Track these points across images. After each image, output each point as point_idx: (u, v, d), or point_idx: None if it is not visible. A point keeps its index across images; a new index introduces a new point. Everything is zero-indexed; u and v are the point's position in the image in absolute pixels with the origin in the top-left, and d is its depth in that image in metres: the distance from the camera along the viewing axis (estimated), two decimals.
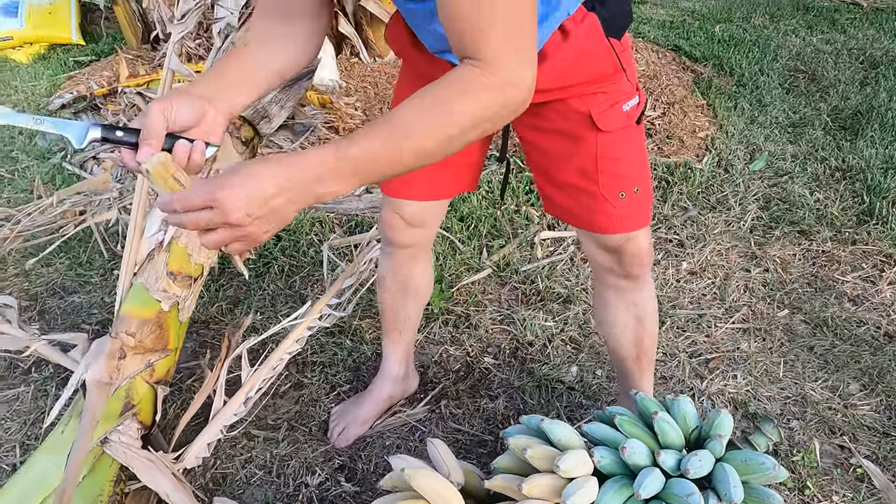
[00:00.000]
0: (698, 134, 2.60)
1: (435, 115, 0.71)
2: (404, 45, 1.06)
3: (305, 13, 0.89)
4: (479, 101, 0.72)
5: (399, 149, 0.71)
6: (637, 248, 1.09)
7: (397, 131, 0.70)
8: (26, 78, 3.46)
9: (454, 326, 1.73)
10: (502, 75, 0.72)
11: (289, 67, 0.88)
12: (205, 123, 0.78)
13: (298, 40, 0.89)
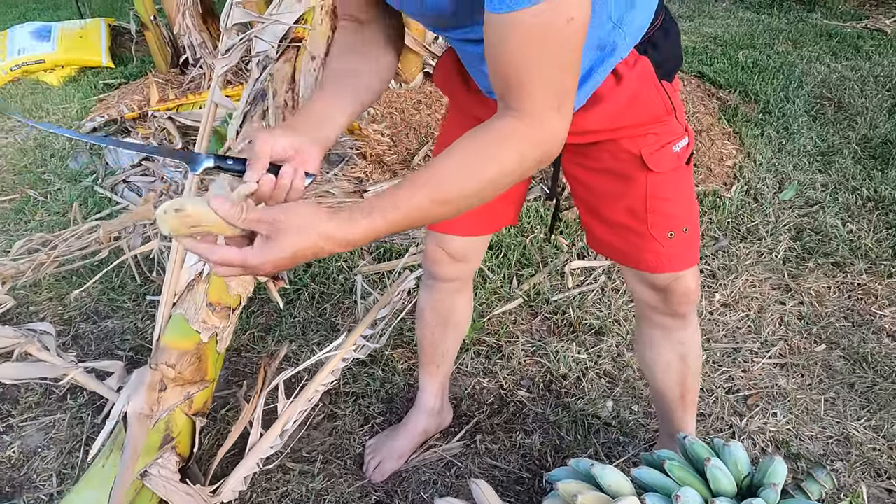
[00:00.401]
0: (726, 162, 2.59)
1: (475, 171, 0.73)
2: (454, 87, 1.07)
3: (379, 39, 0.92)
4: (518, 155, 0.74)
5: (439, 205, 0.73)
6: (685, 287, 1.08)
7: (439, 190, 0.72)
8: (57, 100, 3.53)
9: (486, 357, 1.72)
10: (545, 129, 0.73)
11: (371, 94, 0.91)
12: (302, 154, 0.80)
13: (378, 65, 0.92)
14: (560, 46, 0.69)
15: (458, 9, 0.78)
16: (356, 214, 0.71)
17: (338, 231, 0.70)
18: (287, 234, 0.69)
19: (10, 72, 3.82)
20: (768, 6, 4.54)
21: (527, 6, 0.65)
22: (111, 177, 2.68)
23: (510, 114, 0.73)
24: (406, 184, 0.73)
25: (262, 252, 0.69)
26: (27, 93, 3.68)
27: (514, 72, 0.71)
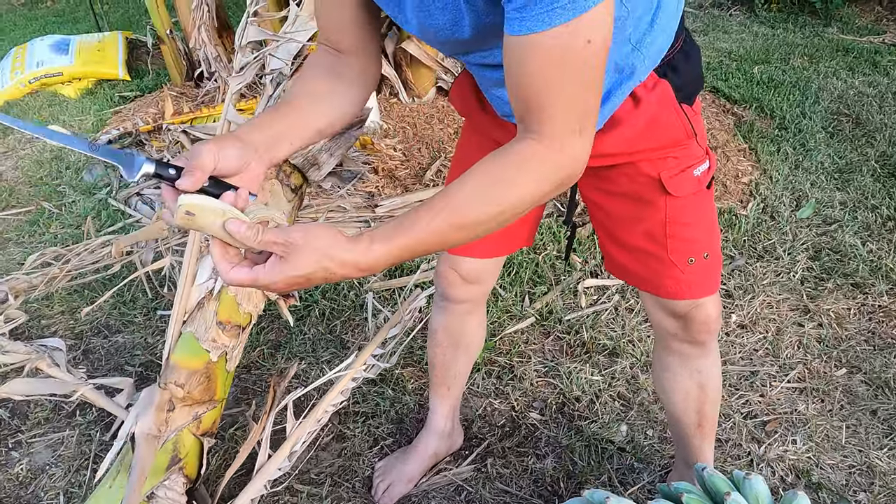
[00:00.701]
0: (742, 179, 2.55)
1: (494, 196, 0.71)
2: (471, 107, 1.05)
3: (353, 73, 0.89)
4: (538, 180, 0.72)
5: (456, 230, 0.72)
6: (705, 315, 1.05)
7: (456, 215, 0.71)
8: (74, 113, 3.57)
9: (498, 378, 1.69)
10: (566, 153, 0.71)
11: (333, 124, 0.88)
12: (247, 171, 0.77)
13: (345, 98, 0.89)
14: (580, 68, 0.67)
15: (477, 34, 0.76)
16: (371, 239, 0.70)
17: (353, 256, 0.69)
18: (301, 256, 0.68)
19: (28, 84, 3.87)
20: (783, 21, 4.51)
21: (545, 28, 0.64)
22: (125, 189, 2.70)
23: (530, 136, 0.71)
24: (423, 209, 0.71)
25: (274, 271, 0.68)
26: (45, 105, 3.73)
27: (533, 94, 0.69)
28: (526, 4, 0.63)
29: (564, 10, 0.62)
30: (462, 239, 0.73)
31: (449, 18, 0.76)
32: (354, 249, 0.69)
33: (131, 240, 1.58)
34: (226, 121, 1.40)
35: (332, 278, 0.70)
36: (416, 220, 0.70)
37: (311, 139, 0.85)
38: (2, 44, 5.20)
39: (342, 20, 0.86)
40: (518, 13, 0.65)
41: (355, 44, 0.88)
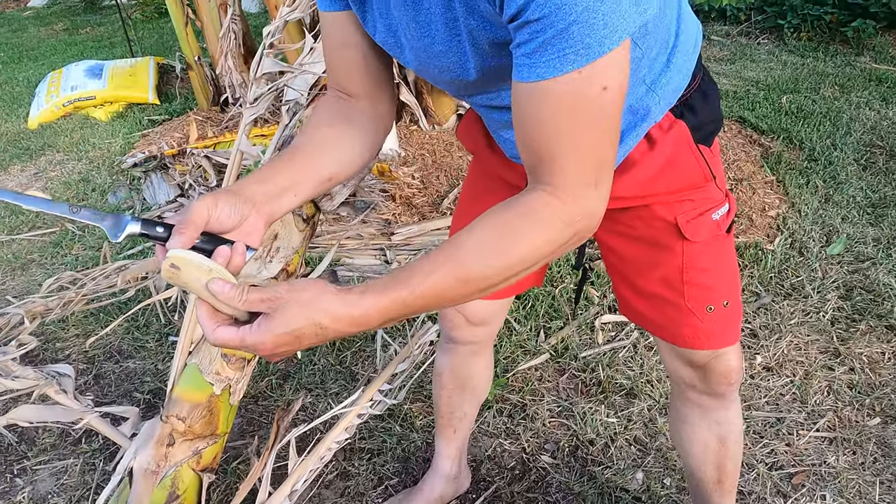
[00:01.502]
0: (768, 212, 2.48)
1: (501, 250, 0.66)
2: (479, 145, 1.03)
3: (364, 118, 0.85)
4: (549, 235, 0.66)
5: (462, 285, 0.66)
6: (725, 366, 0.99)
7: (461, 269, 0.65)
8: (104, 135, 3.67)
9: (509, 417, 1.64)
10: (580, 207, 0.66)
11: (342, 171, 0.83)
12: (246, 226, 0.73)
13: (355, 144, 0.84)
14: (594, 116, 0.62)
15: (483, 76, 0.73)
16: (363, 291, 0.65)
17: (344, 308, 0.63)
18: (288, 310, 0.63)
19: (62, 107, 3.99)
20: (813, 49, 4.43)
21: (557, 75, 0.59)
22: (147, 212, 2.73)
23: (542, 188, 0.66)
24: (424, 259, 0.67)
25: (260, 330, 0.63)
26: (76, 127, 3.83)
27: (544, 143, 0.64)
28: (535, 50, 0.59)
29: (577, 55, 0.58)
30: (464, 295, 0.67)
31: (454, 60, 0.73)
32: (345, 300, 0.64)
33: (141, 269, 1.58)
34: (238, 151, 1.40)
35: (325, 334, 0.64)
36: (414, 272, 0.65)
37: (319, 189, 0.81)
38: (41, 67, 5.41)
39: (350, 64, 0.83)
40: (527, 58, 0.60)
41: (365, 88, 0.84)
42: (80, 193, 3.00)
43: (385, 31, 0.77)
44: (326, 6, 0.80)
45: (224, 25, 3.20)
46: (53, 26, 7.49)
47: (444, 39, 0.70)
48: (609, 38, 0.58)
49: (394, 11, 0.73)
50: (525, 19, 0.57)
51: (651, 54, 0.81)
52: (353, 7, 0.77)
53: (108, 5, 8.12)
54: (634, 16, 0.59)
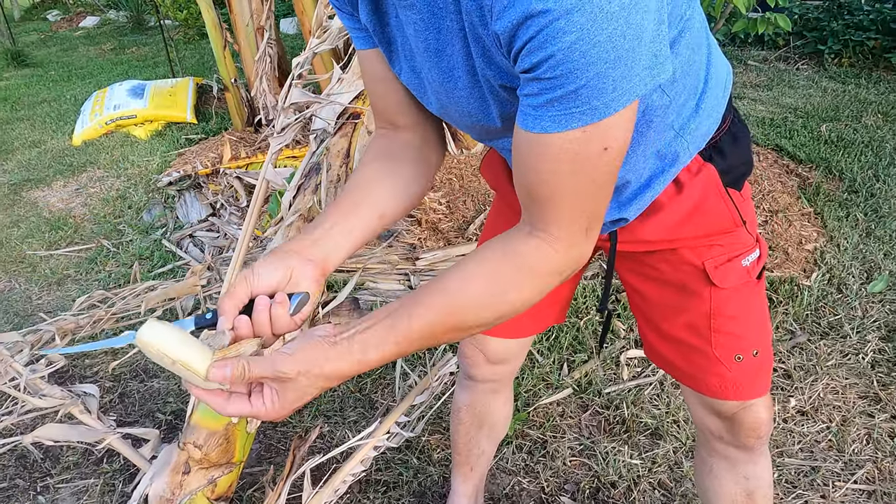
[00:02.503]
0: (805, 246, 2.39)
1: (497, 302, 0.68)
2: (499, 179, 1.02)
3: (411, 152, 0.86)
4: (541, 282, 0.69)
5: (451, 332, 0.69)
6: (754, 418, 0.95)
7: (453, 318, 0.67)
8: (143, 153, 3.78)
9: (529, 454, 1.60)
10: (571, 254, 0.68)
11: (392, 208, 0.83)
12: (294, 276, 0.74)
13: (402, 179, 0.84)
14: (591, 172, 0.63)
15: (506, 123, 0.73)
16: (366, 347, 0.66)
17: (347, 367, 0.66)
18: (296, 385, 0.65)
19: (105, 125, 4.14)
20: (855, 76, 4.31)
21: (560, 130, 0.59)
22: (179, 231, 2.79)
23: (536, 235, 0.67)
24: (423, 310, 0.67)
25: (275, 407, 0.66)
26: (117, 145, 3.97)
27: (540, 190, 0.65)
28: (542, 104, 0.59)
29: (583, 114, 0.58)
30: (457, 339, 0.71)
31: (475, 106, 0.73)
32: (346, 358, 0.65)
33: (163, 296, 1.61)
34: (264, 179, 1.41)
35: (328, 387, 0.67)
36: (412, 321, 0.66)
37: (373, 227, 0.81)
38: (88, 86, 5.63)
39: (392, 96, 0.83)
40: (533, 110, 0.60)
41: (410, 119, 0.85)
42: (117, 210, 3.09)
43: (410, 73, 0.77)
44: (362, 45, 0.81)
45: (260, 49, 3.28)
46: (102, 46, 7.81)
47: (467, 86, 0.70)
48: (616, 101, 0.57)
49: (417, 56, 0.73)
50: (536, 76, 0.57)
51: (679, 101, 0.79)
52: (382, 48, 0.78)
53: (154, 26, 8.43)
54: (647, 79, 0.58)
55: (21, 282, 2.51)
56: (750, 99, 4.06)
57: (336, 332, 0.67)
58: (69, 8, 11.34)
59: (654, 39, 0.57)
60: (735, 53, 5.08)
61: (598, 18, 0.52)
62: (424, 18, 0.66)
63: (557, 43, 0.53)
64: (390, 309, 0.68)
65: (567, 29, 0.53)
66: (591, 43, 0.53)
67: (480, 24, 0.61)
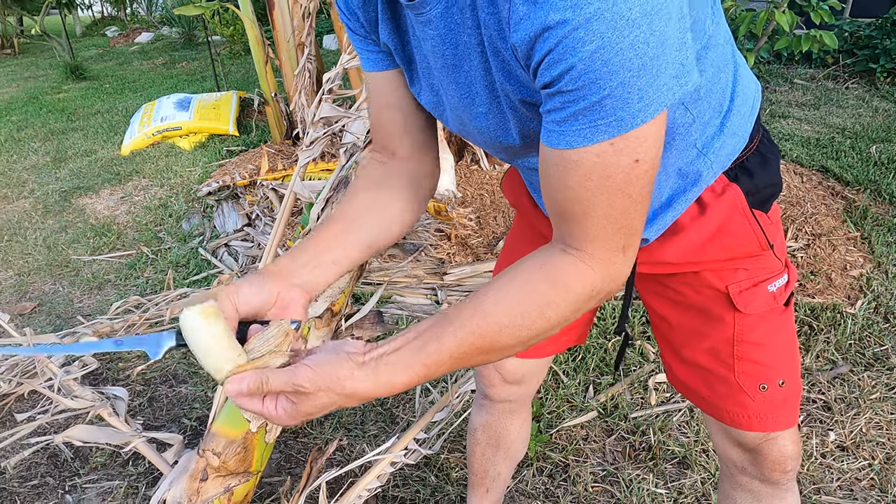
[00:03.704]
0: (850, 272, 2.29)
1: (531, 322, 0.64)
2: (520, 199, 1.00)
3: (405, 181, 0.84)
4: (578, 301, 0.64)
5: (484, 353, 0.64)
6: (779, 452, 0.90)
7: (486, 342, 0.63)
8: (186, 164, 3.91)
9: (550, 477, 1.56)
10: (609, 273, 0.64)
11: (382, 238, 0.82)
12: (280, 301, 0.71)
13: (395, 210, 0.83)
14: (623, 187, 0.59)
15: (527, 140, 0.71)
16: (394, 366, 0.62)
17: (370, 387, 0.62)
18: (313, 398, 0.62)
19: (152, 136, 4.30)
20: None
21: (586, 144, 0.57)
22: (215, 240, 2.87)
23: (570, 252, 0.64)
24: (452, 330, 0.63)
25: (285, 415, 0.63)
26: (162, 155, 4.11)
27: (571, 207, 0.62)
28: (566, 118, 0.56)
29: (609, 126, 0.55)
30: (485, 361, 0.66)
31: (494, 122, 0.71)
32: (370, 377, 0.62)
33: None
34: (291, 192, 1.44)
35: (346, 405, 0.64)
36: (442, 343, 0.63)
37: (361, 255, 0.80)
38: (139, 98, 5.87)
39: (394, 124, 0.82)
40: (557, 125, 0.58)
41: (408, 149, 0.83)
42: (158, 218, 3.19)
43: (428, 91, 0.76)
44: (370, 67, 0.80)
45: (300, 64, 3.36)
46: (154, 60, 8.16)
47: (485, 101, 0.69)
48: (643, 112, 0.55)
49: (435, 73, 0.73)
50: (557, 89, 0.55)
51: (703, 119, 0.76)
52: (403, 66, 0.77)
53: (203, 42, 8.75)
54: (675, 88, 0.55)
55: (65, 284, 2.61)
56: (795, 118, 3.93)
57: (365, 350, 0.64)
58: (126, 24, 11.90)
59: (679, 47, 0.55)
60: (780, 71, 4.94)
61: (620, 26, 0.50)
62: (441, 34, 0.66)
63: (578, 53, 0.52)
64: (420, 329, 0.64)
65: (587, 38, 0.51)
66: (614, 51, 0.51)
67: (499, 37, 0.60)
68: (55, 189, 3.71)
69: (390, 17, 0.73)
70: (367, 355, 0.63)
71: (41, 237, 3.07)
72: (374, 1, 0.74)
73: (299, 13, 3.37)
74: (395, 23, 0.73)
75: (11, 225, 3.26)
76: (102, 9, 13.99)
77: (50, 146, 4.59)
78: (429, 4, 0.63)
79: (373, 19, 0.75)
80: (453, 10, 0.63)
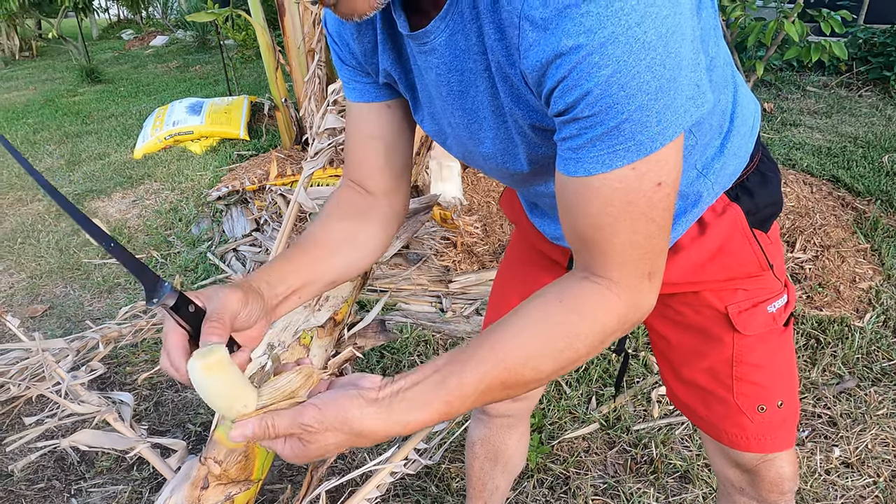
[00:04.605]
0: (859, 284, 2.26)
1: (556, 353, 0.60)
2: (519, 216, 1.01)
3: (379, 214, 0.83)
4: (605, 331, 0.61)
5: (508, 389, 0.61)
6: (777, 473, 0.90)
7: (512, 374, 0.60)
8: (197, 168, 3.94)
9: (550, 489, 1.56)
10: (634, 300, 0.61)
11: (347, 274, 0.81)
12: (253, 330, 0.70)
13: (367, 244, 0.82)
14: (646, 211, 0.57)
15: (536, 167, 0.70)
16: (410, 407, 0.58)
17: (382, 428, 0.58)
18: (320, 438, 0.59)
19: (164, 140, 4.35)
20: None
21: (606, 171, 0.55)
22: (224, 244, 2.89)
23: (594, 281, 0.61)
24: (472, 368, 0.59)
25: (291, 454, 0.61)
26: (173, 158, 4.16)
27: (593, 235, 0.60)
28: (583, 145, 0.55)
29: (628, 151, 0.54)
30: (508, 396, 0.62)
31: (501, 148, 0.70)
32: (383, 417, 0.58)
33: None
34: (296, 202, 1.45)
35: (364, 444, 0.60)
36: (464, 381, 0.59)
37: (321, 291, 0.78)
38: (153, 102, 5.94)
39: (373, 158, 0.81)
40: (573, 153, 0.56)
41: (385, 184, 0.82)
42: (169, 222, 3.23)
43: (430, 119, 0.76)
44: (357, 97, 0.79)
45: (310, 70, 3.38)
46: (169, 64, 8.25)
47: (492, 126, 0.68)
48: (662, 135, 0.54)
49: (437, 102, 0.72)
50: (573, 116, 0.54)
51: (704, 140, 0.76)
52: (406, 94, 0.76)
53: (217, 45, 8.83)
54: (692, 110, 0.55)
55: (76, 288, 2.65)
56: (806, 126, 3.90)
57: (380, 386, 0.60)
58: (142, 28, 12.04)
59: (693, 69, 0.54)
60: (793, 78, 4.90)
61: (635, 49, 0.49)
62: (447, 61, 0.65)
63: (593, 78, 0.50)
64: (437, 364, 0.60)
65: (602, 63, 0.50)
66: (630, 74, 0.50)
67: (507, 62, 0.59)
68: (68, 192, 3.77)
69: (391, 46, 0.72)
70: (381, 391, 0.60)
71: (53, 240, 3.12)
72: (370, 31, 0.73)
73: (310, 20, 3.39)
74: (396, 52, 0.72)
75: (25, 228, 3.31)
76: (119, 12, 14.18)
77: (64, 149, 4.66)
78: (432, 34, 0.63)
79: (368, 50, 0.74)
80: (457, 37, 0.62)
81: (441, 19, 0.61)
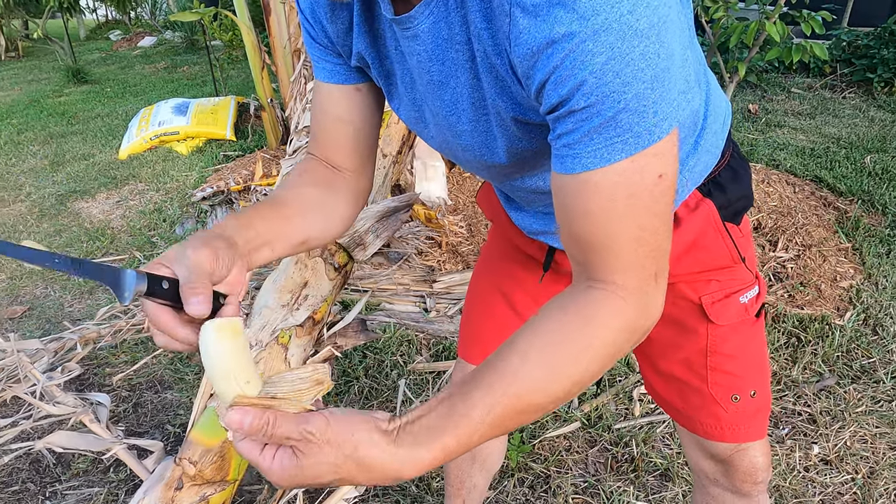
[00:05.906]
0: (840, 283, 2.28)
1: (567, 371, 0.57)
2: (497, 213, 1.00)
3: (347, 188, 0.82)
4: (617, 341, 0.58)
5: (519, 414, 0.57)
6: (750, 463, 0.90)
7: (520, 405, 0.56)
8: (182, 168, 3.92)
9: (530, 488, 1.56)
10: (643, 304, 0.58)
11: (316, 239, 0.79)
12: (231, 276, 0.65)
13: (335, 213, 0.81)
14: (652, 205, 0.55)
15: (515, 160, 0.69)
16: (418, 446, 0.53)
17: (375, 457, 0.53)
18: (317, 452, 0.53)
19: (150, 140, 4.32)
20: None
21: (605, 165, 0.53)
22: None
23: (599, 288, 0.58)
24: (480, 402, 0.55)
25: (283, 471, 0.54)
26: (159, 159, 4.13)
27: (593, 235, 0.57)
28: (579, 140, 0.53)
29: (626, 143, 0.52)
30: (520, 424, 0.57)
31: (479, 140, 0.69)
32: (384, 450, 0.53)
33: None
34: None
35: (354, 481, 0.54)
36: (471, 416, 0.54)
37: (292, 250, 0.76)
38: (140, 102, 5.90)
39: (342, 139, 0.80)
40: (569, 149, 0.54)
41: (352, 163, 0.82)
42: (152, 223, 3.20)
43: (410, 105, 0.74)
44: (328, 78, 0.78)
45: (296, 71, 3.37)
46: (156, 64, 8.20)
47: (471, 119, 0.67)
48: (659, 127, 0.52)
49: (419, 87, 0.71)
50: (568, 108, 0.52)
51: (680, 137, 0.76)
52: (380, 82, 0.75)
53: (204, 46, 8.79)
54: (683, 104, 0.54)
55: (56, 289, 2.62)
56: (790, 127, 3.93)
57: (388, 418, 0.56)
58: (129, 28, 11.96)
59: (682, 64, 0.53)
60: (778, 80, 4.95)
61: (629, 36, 0.48)
62: (428, 49, 0.63)
63: (588, 66, 0.49)
64: (442, 397, 0.56)
65: (597, 50, 0.48)
66: (625, 62, 0.49)
67: (495, 52, 0.57)
68: (51, 193, 3.73)
69: (367, 30, 0.71)
70: (391, 423, 0.56)
71: (35, 241, 3.08)
72: (345, 12, 0.71)
73: (296, 20, 3.38)
74: (372, 36, 0.71)
75: (6, 228, 3.27)
76: (107, 12, 14.08)
77: (48, 149, 4.61)
78: (416, 19, 0.61)
79: (342, 31, 0.73)
80: (440, 24, 0.61)
81: (425, 5, 0.60)
